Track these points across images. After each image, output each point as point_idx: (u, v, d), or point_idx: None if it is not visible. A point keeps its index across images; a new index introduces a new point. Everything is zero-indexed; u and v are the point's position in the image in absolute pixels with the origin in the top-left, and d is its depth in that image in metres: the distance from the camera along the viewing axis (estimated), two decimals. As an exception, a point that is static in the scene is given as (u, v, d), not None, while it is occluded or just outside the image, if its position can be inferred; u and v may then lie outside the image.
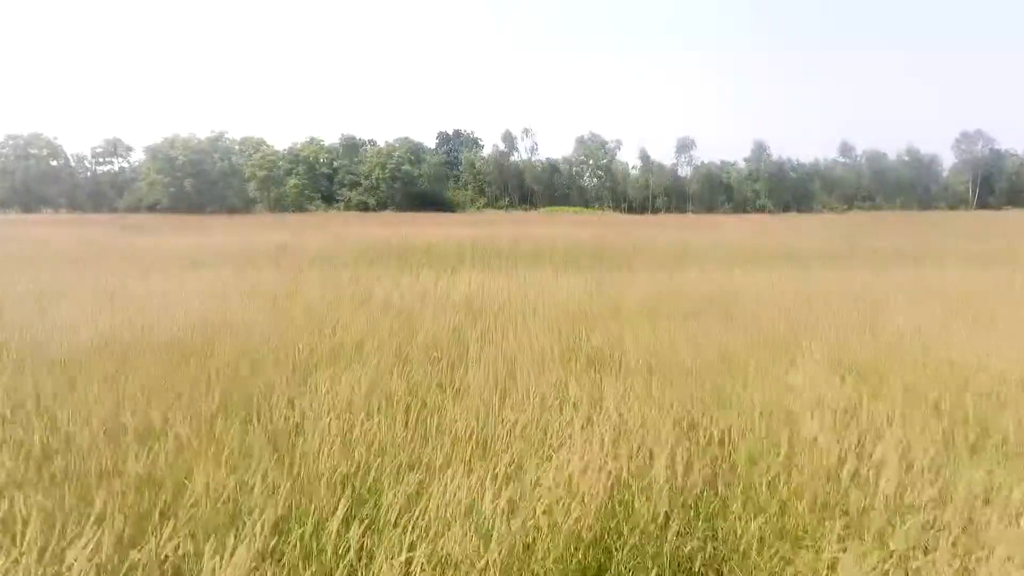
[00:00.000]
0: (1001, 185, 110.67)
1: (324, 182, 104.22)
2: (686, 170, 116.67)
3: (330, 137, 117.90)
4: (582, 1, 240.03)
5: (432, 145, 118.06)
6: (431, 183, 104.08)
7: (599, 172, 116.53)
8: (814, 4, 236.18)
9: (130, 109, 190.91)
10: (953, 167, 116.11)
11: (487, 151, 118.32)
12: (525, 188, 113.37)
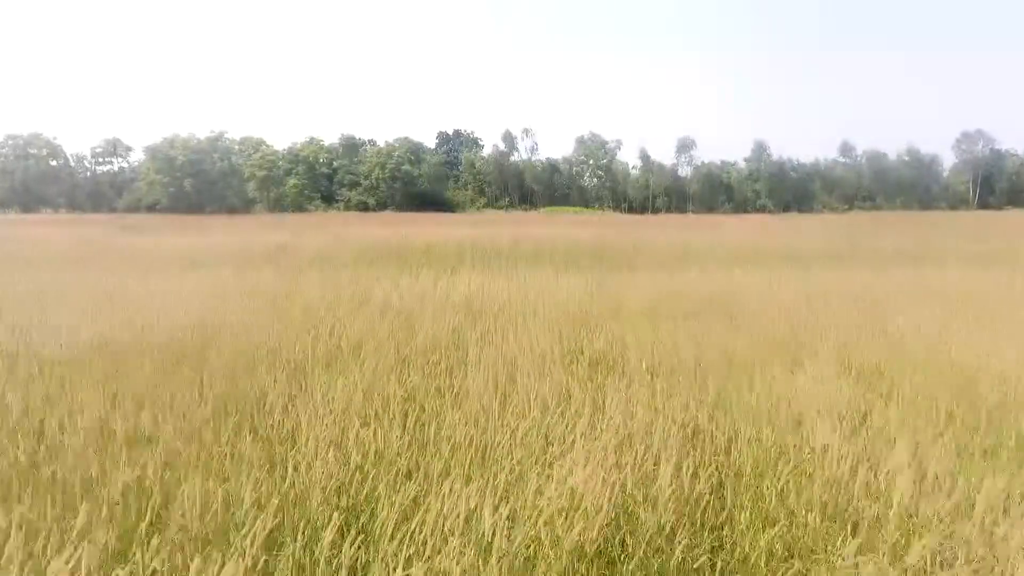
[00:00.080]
0: (1002, 185, 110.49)
1: (324, 182, 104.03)
2: (686, 170, 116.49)
3: (330, 137, 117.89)
4: (582, 1, 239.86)
5: (432, 145, 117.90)
6: (431, 183, 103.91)
7: (599, 172, 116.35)
8: (814, 4, 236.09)
9: (130, 109, 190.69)
10: (953, 167, 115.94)
11: (487, 151, 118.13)
12: (525, 188, 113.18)
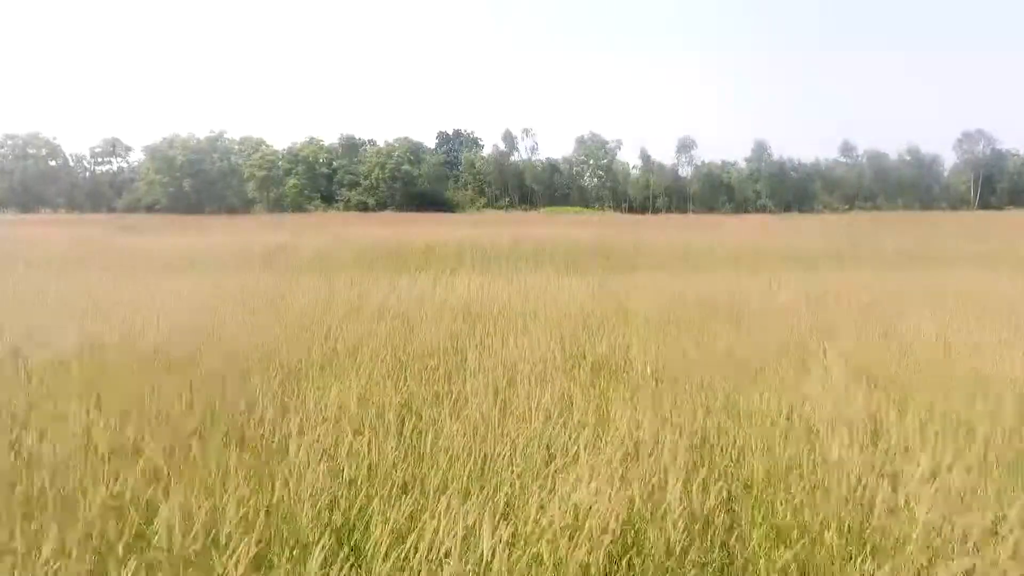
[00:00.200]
0: (1003, 185, 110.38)
1: (323, 182, 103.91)
2: (687, 170, 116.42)
3: (329, 137, 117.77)
4: (582, 1, 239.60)
5: (432, 145, 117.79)
6: (431, 183, 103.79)
7: (599, 172, 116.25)
8: (814, 4, 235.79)
9: (129, 109, 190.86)
10: (954, 167, 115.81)
11: (487, 151, 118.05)
12: (525, 188, 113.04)
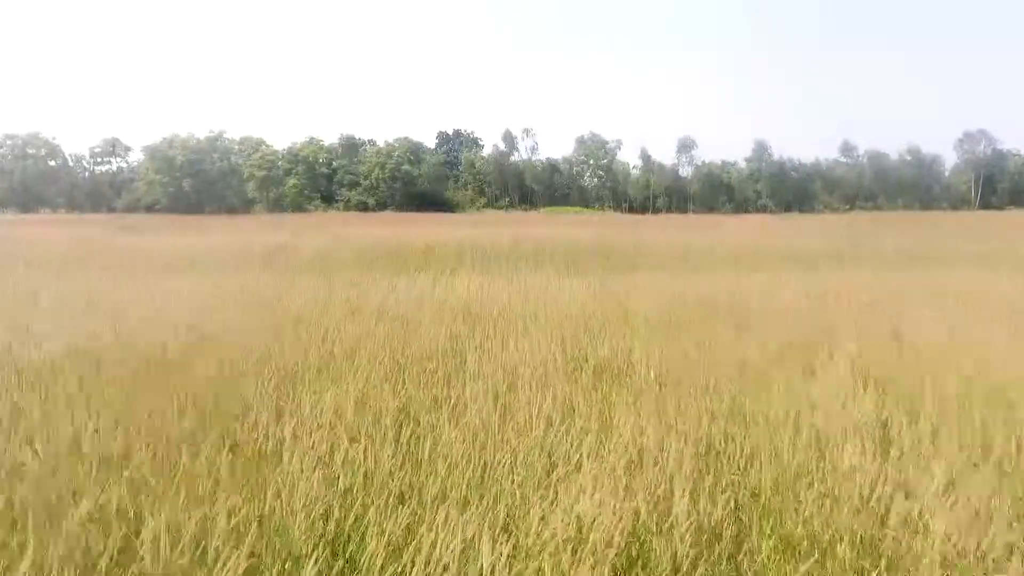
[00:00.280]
0: (1003, 185, 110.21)
1: (323, 182, 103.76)
2: (687, 170, 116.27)
3: (329, 137, 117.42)
4: (582, 1, 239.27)
5: (432, 145, 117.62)
6: (431, 183, 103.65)
7: (599, 172, 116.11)
8: (814, 4, 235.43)
9: (129, 109, 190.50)
10: (955, 167, 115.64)
11: (487, 151, 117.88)
12: (525, 188, 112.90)
